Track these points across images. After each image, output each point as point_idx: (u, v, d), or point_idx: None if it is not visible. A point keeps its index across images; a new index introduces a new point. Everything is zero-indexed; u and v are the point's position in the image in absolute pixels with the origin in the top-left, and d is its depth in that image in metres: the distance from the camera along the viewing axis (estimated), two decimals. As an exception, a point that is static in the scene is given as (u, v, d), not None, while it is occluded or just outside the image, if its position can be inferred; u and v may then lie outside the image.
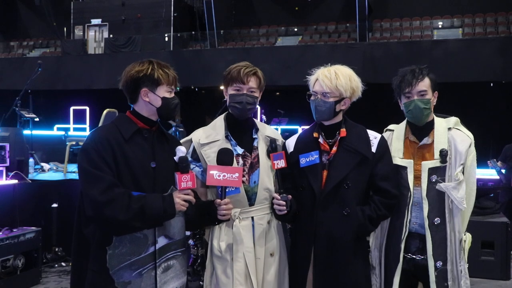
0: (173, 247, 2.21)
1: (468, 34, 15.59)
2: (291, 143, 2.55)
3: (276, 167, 2.39)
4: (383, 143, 2.49)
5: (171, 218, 2.14)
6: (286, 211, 2.36)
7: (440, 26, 16.46)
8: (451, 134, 2.51)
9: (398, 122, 2.68)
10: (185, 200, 2.14)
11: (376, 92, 4.57)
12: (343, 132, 2.45)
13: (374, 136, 2.49)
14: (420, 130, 2.55)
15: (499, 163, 7.22)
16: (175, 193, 2.14)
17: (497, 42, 13.64)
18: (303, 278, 2.43)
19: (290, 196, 2.37)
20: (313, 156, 2.41)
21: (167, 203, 2.10)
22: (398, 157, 2.54)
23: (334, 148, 2.43)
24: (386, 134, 2.65)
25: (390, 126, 2.69)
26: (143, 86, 2.18)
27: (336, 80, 2.38)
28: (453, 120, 2.57)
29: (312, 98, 2.45)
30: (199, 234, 3.86)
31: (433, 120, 2.56)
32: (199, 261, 3.94)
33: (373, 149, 2.44)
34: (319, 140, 2.47)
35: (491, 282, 4.94)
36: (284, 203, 2.34)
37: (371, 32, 16.43)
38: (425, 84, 2.49)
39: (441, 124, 2.54)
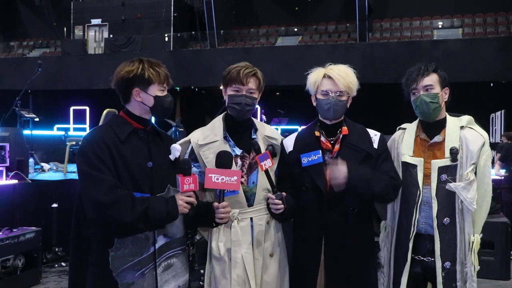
0: (173, 246, 2.21)
1: (468, 34, 15.61)
2: (289, 143, 2.52)
3: (264, 168, 2.32)
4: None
5: (173, 220, 2.14)
6: (283, 208, 2.31)
7: (440, 26, 16.49)
8: (463, 133, 2.43)
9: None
10: (187, 202, 2.13)
11: (376, 92, 4.58)
12: (345, 130, 2.44)
13: (374, 134, 2.49)
14: (432, 127, 2.48)
15: (497, 164, 7.20)
16: (178, 196, 2.13)
17: (497, 42, 13.67)
18: (313, 280, 2.40)
19: (284, 194, 2.32)
20: (316, 155, 2.38)
21: (170, 205, 2.09)
22: (408, 155, 2.48)
23: (337, 146, 2.42)
24: (398, 133, 2.62)
25: (403, 125, 2.63)
26: (135, 86, 2.16)
27: (347, 78, 2.38)
28: (466, 118, 2.49)
29: (322, 97, 2.41)
30: (191, 234, 3.87)
31: (445, 118, 2.49)
32: (189, 259, 3.95)
33: (375, 146, 2.44)
34: (321, 138, 2.44)
35: (491, 282, 4.92)
36: (280, 201, 2.30)
37: (371, 32, 16.44)
38: (431, 79, 2.43)
39: (453, 122, 2.47)
